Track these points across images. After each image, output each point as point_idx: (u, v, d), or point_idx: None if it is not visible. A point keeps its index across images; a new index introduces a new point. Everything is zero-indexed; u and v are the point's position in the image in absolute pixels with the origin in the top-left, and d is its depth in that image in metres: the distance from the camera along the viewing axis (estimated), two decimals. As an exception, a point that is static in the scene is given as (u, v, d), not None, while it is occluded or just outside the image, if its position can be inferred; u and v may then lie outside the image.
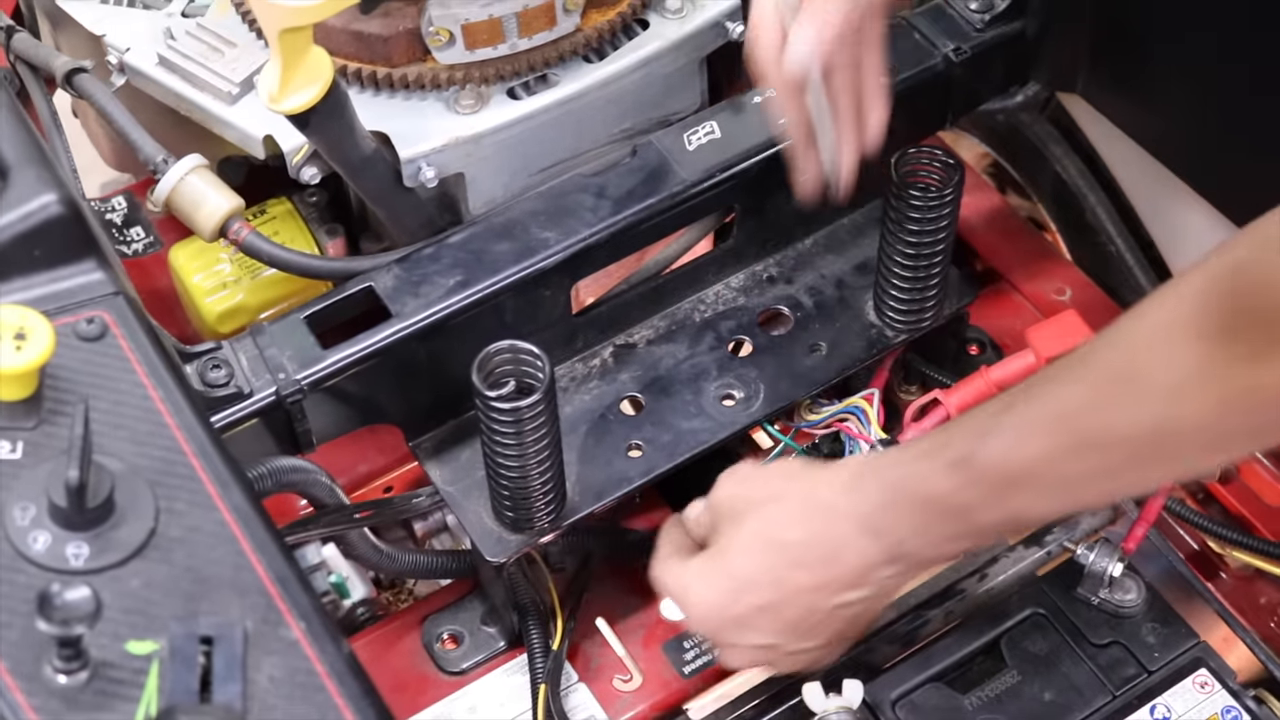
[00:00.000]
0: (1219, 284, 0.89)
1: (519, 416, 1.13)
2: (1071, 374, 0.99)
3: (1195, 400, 0.90)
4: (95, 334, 1.01)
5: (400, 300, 1.23)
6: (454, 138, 1.26)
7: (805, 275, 1.37)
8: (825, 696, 1.14)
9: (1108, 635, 1.21)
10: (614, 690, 1.30)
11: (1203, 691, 1.18)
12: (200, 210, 1.26)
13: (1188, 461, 0.97)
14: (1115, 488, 1.02)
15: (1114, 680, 1.18)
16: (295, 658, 0.89)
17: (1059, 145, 1.46)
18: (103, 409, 0.97)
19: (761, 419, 1.30)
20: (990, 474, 1.00)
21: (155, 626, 0.89)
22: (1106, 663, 1.19)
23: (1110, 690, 1.18)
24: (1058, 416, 0.97)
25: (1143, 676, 1.19)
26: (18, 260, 1.01)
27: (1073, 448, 0.97)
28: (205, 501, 0.95)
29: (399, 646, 1.32)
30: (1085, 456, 0.97)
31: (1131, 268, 1.43)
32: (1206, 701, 1.17)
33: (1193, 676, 1.18)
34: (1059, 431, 0.97)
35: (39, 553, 0.90)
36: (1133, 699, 1.17)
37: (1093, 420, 0.96)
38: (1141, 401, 0.93)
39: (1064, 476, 0.98)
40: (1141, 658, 1.19)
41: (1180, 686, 1.18)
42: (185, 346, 1.18)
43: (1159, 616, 1.21)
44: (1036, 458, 0.98)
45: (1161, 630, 1.21)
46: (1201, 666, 1.18)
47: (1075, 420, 0.97)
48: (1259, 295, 0.86)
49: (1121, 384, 0.94)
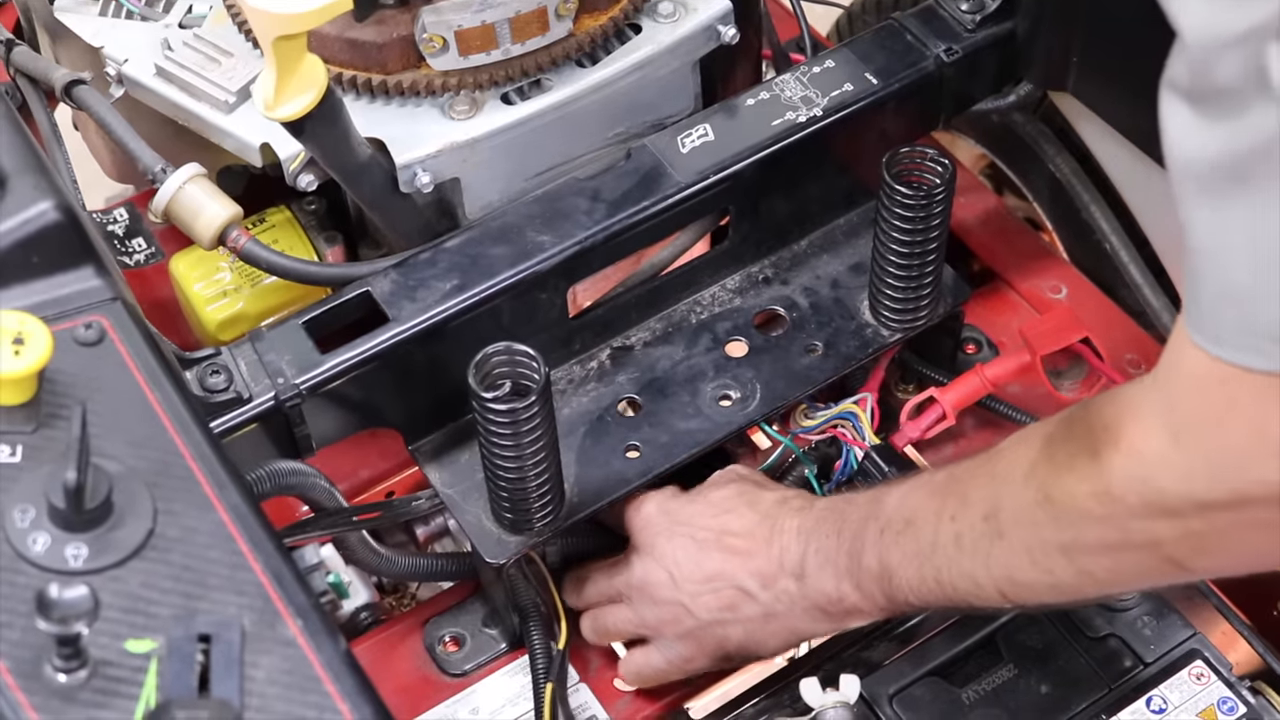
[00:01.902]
0: (1071, 409, 1.03)
1: (515, 418, 1.14)
2: (981, 454, 1.11)
3: (1021, 489, 1.02)
4: (93, 339, 1.02)
5: (397, 305, 1.24)
6: (449, 143, 1.27)
7: (801, 276, 1.38)
8: (822, 692, 1.14)
9: (1103, 628, 1.21)
10: (615, 690, 1.30)
11: (1199, 683, 1.18)
12: (199, 219, 1.27)
13: (1016, 562, 1.04)
14: (968, 570, 1.08)
15: (1110, 672, 1.19)
16: (293, 655, 0.90)
17: (1052, 144, 1.47)
18: (101, 412, 0.97)
19: (758, 419, 1.31)
20: (884, 510, 1.13)
21: (153, 625, 0.90)
22: (1102, 655, 1.20)
23: (1106, 682, 1.18)
24: (951, 477, 1.10)
25: (1139, 668, 1.19)
26: (16, 267, 1.02)
27: (947, 511, 1.08)
28: (203, 502, 0.96)
29: (401, 650, 1.33)
30: (952, 520, 1.07)
31: (1127, 265, 1.44)
32: (1203, 693, 1.17)
33: (1189, 668, 1.19)
34: (944, 494, 1.09)
35: (38, 554, 0.91)
36: (1129, 691, 1.18)
37: (964, 488, 1.08)
38: (996, 479, 1.06)
39: (934, 541, 1.09)
40: (1137, 649, 1.20)
41: (1176, 678, 1.18)
42: (185, 353, 1.20)
43: (1154, 609, 1.22)
44: (918, 510, 1.11)
45: (1156, 622, 1.21)
46: (1197, 658, 1.19)
47: (956, 485, 1.09)
48: (1088, 413, 0.98)
49: (990, 464, 1.07)
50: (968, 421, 1.41)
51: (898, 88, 1.35)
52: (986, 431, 1.41)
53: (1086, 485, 0.97)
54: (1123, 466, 0.94)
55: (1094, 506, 0.97)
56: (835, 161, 1.36)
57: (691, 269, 1.36)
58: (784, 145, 1.32)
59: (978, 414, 1.40)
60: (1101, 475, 0.96)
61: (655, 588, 1.23)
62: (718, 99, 1.38)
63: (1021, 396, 1.40)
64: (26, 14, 1.45)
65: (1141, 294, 1.44)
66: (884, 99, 1.35)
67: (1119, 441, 0.94)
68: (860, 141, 1.36)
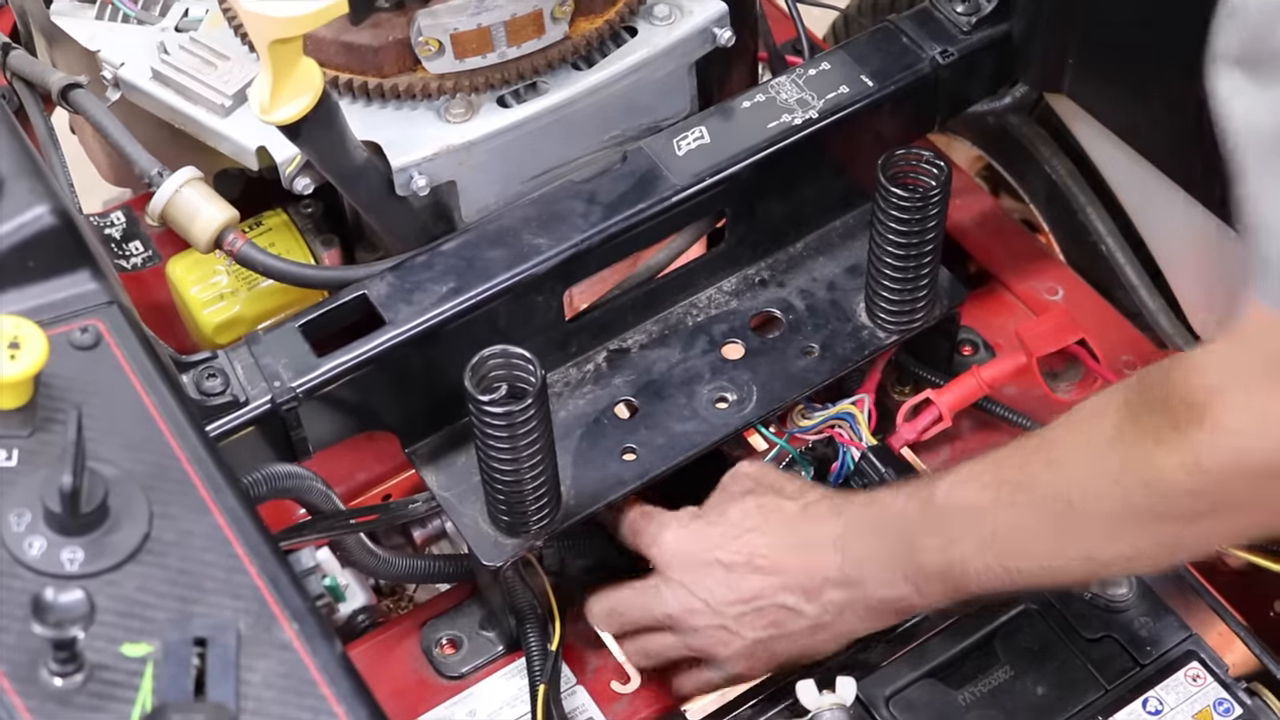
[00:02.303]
0: (1143, 376, 1.01)
1: (511, 420, 1.15)
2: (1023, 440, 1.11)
3: (1101, 464, 1.01)
4: (89, 343, 1.02)
5: (394, 308, 1.24)
6: (445, 146, 1.27)
7: (797, 278, 1.38)
8: (819, 694, 1.14)
9: (1099, 629, 1.21)
10: (612, 693, 1.31)
11: (1195, 684, 1.18)
12: (195, 222, 1.27)
13: (1094, 538, 1.04)
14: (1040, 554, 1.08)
15: (1106, 674, 1.19)
16: (289, 658, 0.90)
17: (1048, 146, 1.47)
18: (97, 416, 0.98)
19: (755, 421, 1.31)
20: (935, 506, 1.12)
21: (150, 629, 0.90)
22: (1099, 657, 1.20)
23: (1103, 684, 1.19)
24: (996, 465, 1.10)
25: (1135, 670, 1.19)
26: (12, 271, 1.02)
27: (1005, 499, 1.07)
28: (199, 505, 0.96)
29: (398, 652, 1.33)
30: (1014, 505, 1.07)
31: (1123, 266, 1.44)
32: (1199, 694, 1.18)
33: (1185, 669, 1.19)
34: (996, 482, 1.09)
35: (34, 558, 0.91)
36: (1125, 692, 1.18)
37: (1019, 474, 1.08)
38: (1059, 462, 1.05)
39: (995, 529, 1.08)
40: (1133, 651, 1.20)
41: (1173, 679, 1.18)
42: (181, 356, 1.20)
43: (1150, 610, 1.22)
44: (974, 501, 1.10)
45: (1153, 624, 1.21)
46: (1193, 659, 1.19)
47: (1006, 471, 1.09)
48: (1167, 386, 0.97)
49: (1046, 448, 1.07)
50: (964, 424, 1.41)
51: (893, 90, 1.35)
52: (983, 433, 1.41)
53: (1175, 458, 0.96)
54: (1210, 440, 0.94)
55: (1184, 479, 0.96)
56: (831, 164, 1.36)
57: (688, 271, 1.36)
58: (780, 148, 1.32)
59: (974, 416, 1.41)
60: (1190, 448, 0.95)
61: (695, 615, 1.22)
62: (714, 101, 1.38)
63: (1018, 398, 1.40)
64: (23, 17, 1.45)
65: (1138, 295, 1.44)
66: (879, 101, 1.35)
67: (1204, 418, 0.94)
68: (856, 144, 1.36)
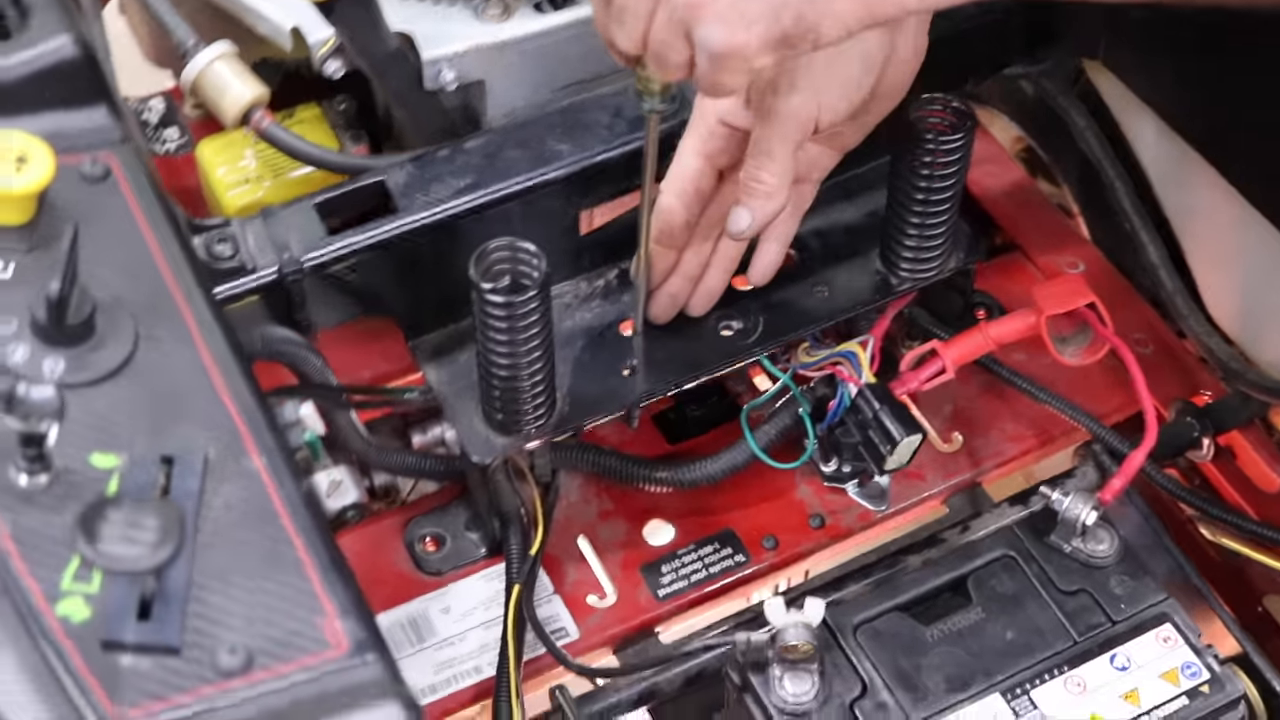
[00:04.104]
0: None
1: (512, 311, 1.15)
2: None
3: None
4: (98, 174, 1.03)
5: (410, 197, 1.25)
6: (477, 44, 1.28)
7: (814, 219, 1.38)
8: (786, 611, 1.14)
9: (1076, 583, 1.21)
10: (587, 606, 1.31)
11: (1165, 645, 1.17)
12: (225, 96, 1.29)
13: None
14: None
15: (1077, 626, 1.18)
16: (253, 487, 0.91)
17: (1083, 117, 1.46)
18: (97, 243, 0.99)
19: (759, 350, 1.31)
20: None
21: (119, 444, 0.91)
22: (1072, 609, 1.19)
23: (1072, 635, 1.18)
24: None
25: (1106, 625, 1.18)
26: (29, 98, 1.03)
27: None
28: (184, 337, 0.97)
29: (381, 545, 1.33)
30: None
31: (1145, 244, 1.43)
32: (1167, 655, 1.17)
33: (1156, 630, 1.18)
34: None
35: (16, 364, 0.92)
36: (1093, 646, 1.17)
37: None
38: None
39: None
40: (1108, 608, 1.19)
41: (1143, 639, 1.17)
42: (195, 219, 1.21)
43: (1130, 570, 1.21)
44: None
45: (1130, 583, 1.21)
46: (1166, 621, 1.18)
47: None
48: None
49: None
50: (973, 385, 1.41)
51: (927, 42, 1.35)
52: (988, 396, 1.41)
53: None
54: None
55: None
56: (860, 109, 1.36)
57: (708, 200, 1.37)
58: (811, 84, 1.32)
59: (981, 377, 1.40)
60: None
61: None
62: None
63: (1027, 365, 1.40)
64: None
65: (1157, 275, 1.43)
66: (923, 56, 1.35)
67: None
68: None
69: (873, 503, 1.36)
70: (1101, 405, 1.39)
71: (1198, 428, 1.37)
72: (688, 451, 1.38)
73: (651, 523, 1.35)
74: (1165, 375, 1.43)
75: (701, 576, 1.32)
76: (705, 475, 1.33)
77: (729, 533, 1.34)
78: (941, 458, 1.38)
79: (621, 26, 1.03)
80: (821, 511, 1.35)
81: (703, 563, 1.33)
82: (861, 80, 1.17)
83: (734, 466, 1.33)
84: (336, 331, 1.32)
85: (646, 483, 1.34)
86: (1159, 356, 1.45)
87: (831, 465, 1.36)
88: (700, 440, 1.40)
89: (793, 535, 1.34)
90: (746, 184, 1.17)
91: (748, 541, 1.34)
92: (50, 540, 0.86)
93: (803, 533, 1.34)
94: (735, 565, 1.33)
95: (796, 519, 1.35)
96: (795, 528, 1.34)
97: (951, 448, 1.39)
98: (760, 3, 0.98)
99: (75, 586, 0.85)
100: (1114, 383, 1.40)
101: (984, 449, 1.39)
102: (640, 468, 1.33)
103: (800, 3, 0.98)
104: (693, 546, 1.34)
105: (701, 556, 1.33)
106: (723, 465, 1.32)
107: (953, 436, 1.39)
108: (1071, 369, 1.38)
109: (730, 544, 1.34)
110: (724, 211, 1.20)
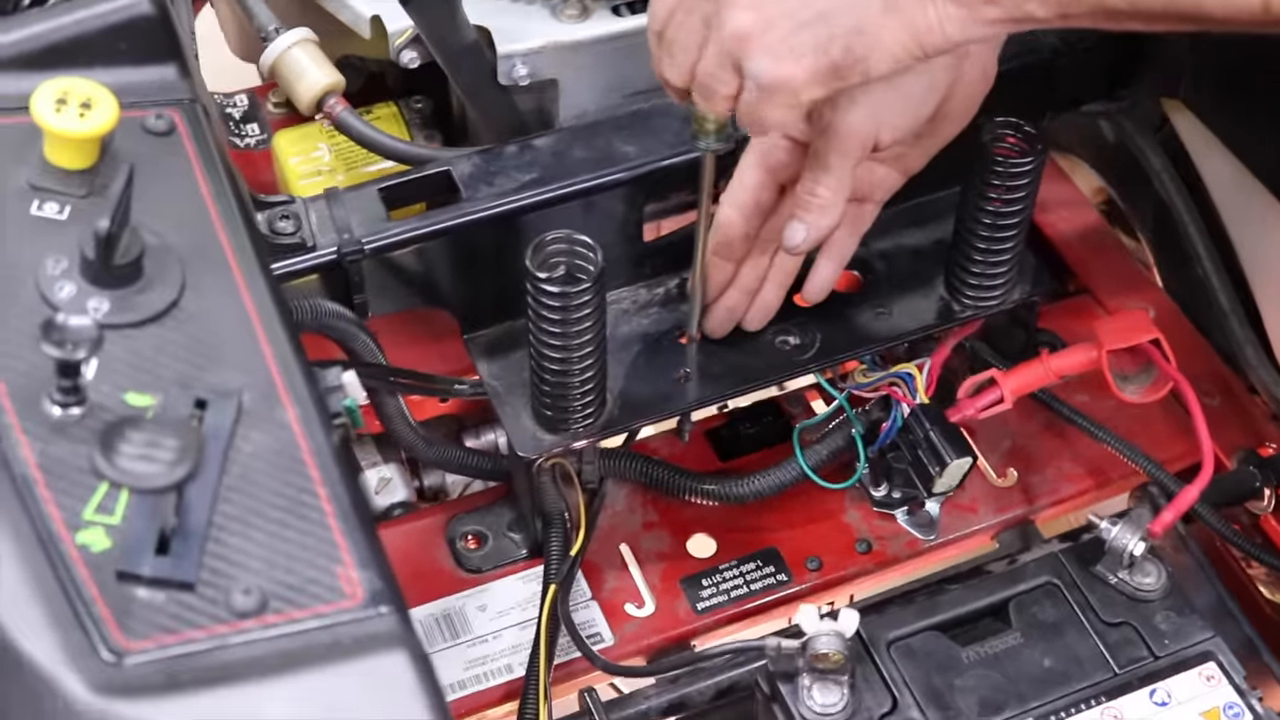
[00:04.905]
0: None
1: (566, 302, 1.15)
2: None
3: None
4: (163, 129, 1.04)
5: (474, 187, 1.25)
6: (552, 42, 1.29)
7: (882, 242, 1.37)
8: (820, 620, 1.12)
9: (1120, 615, 1.18)
10: (624, 614, 1.29)
11: (1208, 684, 1.14)
12: (301, 81, 1.31)
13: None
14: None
15: (1118, 659, 1.16)
16: (284, 437, 0.90)
17: (1160, 160, 1.45)
18: (154, 193, 0.99)
19: (815, 366, 1.30)
20: None
21: (156, 386, 0.91)
22: (1114, 641, 1.17)
23: (1112, 667, 1.15)
24: None
25: (1148, 659, 1.16)
26: (102, 50, 1.04)
27: None
28: (230, 290, 0.97)
29: (423, 540, 1.33)
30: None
31: (1217, 291, 1.41)
32: (1210, 693, 1.14)
33: (1200, 668, 1.15)
34: None
35: (61, 300, 0.93)
36: (1134, 679, 1.14)
37: None
38: None
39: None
40: (1151, 642, 1.17)
41: (1185, 675, 1.15)
42: (259, 195, 1.22)
43: (1175, 606, 1.18)
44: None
45: (1176, 619, 1.18)
46: (1210, 660, 1.15)
47: None
48: None
49: None
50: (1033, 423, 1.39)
51: (1005, 69, 1.34)
52: (1047, 434, 1.39)
53: None
54: None
55: None
56: (935, 136, 1.35)
57: (774, 217, 1.36)
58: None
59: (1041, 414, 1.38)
60: None
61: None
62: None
63: (1089, 406, 1.37)
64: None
65: (1228, 322, 1.41)
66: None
67: None
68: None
69: (921, 531, 1.34)
70: (1163, 452, 1.36)
71: (1259, 478, 1.34)
72: (738, 469, 1.36)
73: (695, 536, 1.34)
74: (1231, 425, 1.40)
75: (742, 593, 1.31)
76: (752, 491, 1.31)
77: (772, 551, 1.33)
78: (995, 491, 1.36)
79: (671, 59, 1.05)
80: (869, 536, 1.33)
81: (744, 579, 1.32)
82: (925, 100, 1.17)
83: (782, 484, 1.31)
84: (396, 327, 1.33)
85: (693, 495, 1.33)
86: (1226, 407, 1.42)
87: (882, 490, 1.34)
88: (751, 459, 1.39)
89: (837, 558, 1.32)
90: (802, 197, 1.16)
91: (791, 561, 1.32)
92: (76, 470, 0.86)
93: (848, 556, 1.33)
94: (777, 584, 1.31)
95: (843, 542, 1.33)
96: (840, 550, 1.33)
97: (1006, 483, 1.37)
98: (809, 35, 0.98)
99: (97, 517, 0.85)
100: (1177, 430, 1.38)
101: (1039, 486, 1.37)
102: (687, 479, 1.32)
103: (849, 35, 0.98)
104: (735, 562, 1.32)
105: (743, 573, 1.32)
106: (770, 482, 1.31)
107: (1008, 472, 1.37)
108: (1134, 416, 1.36)
109: (773, 562, 1.32)
110: (783, 226, 1.19)
